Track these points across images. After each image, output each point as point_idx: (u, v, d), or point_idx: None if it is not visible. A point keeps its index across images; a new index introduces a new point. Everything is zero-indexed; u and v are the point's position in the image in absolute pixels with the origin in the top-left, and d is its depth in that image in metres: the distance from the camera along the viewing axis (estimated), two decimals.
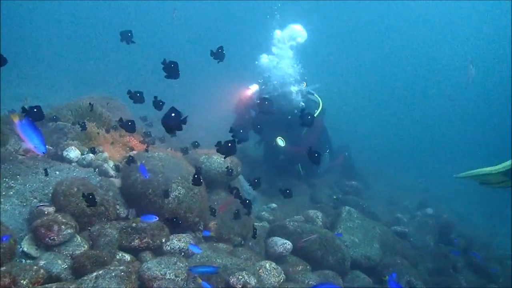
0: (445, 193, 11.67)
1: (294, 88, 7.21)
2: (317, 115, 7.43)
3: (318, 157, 2.96)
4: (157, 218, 3.43)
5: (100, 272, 2.91)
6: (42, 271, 2.71)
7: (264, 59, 7.36)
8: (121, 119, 3.43)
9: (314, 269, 4.36)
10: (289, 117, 7.05)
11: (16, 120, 2.15)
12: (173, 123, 2.38)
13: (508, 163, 5.25)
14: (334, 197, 7.60)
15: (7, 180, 3.73)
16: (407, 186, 12.34)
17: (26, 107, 2.84)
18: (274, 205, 6.40)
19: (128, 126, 3.34)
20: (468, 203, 11.43)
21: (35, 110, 2.78)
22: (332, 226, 5.29)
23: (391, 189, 11.01)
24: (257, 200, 6.30)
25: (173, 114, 2.37)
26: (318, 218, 5.78)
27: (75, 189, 3.53)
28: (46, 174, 3.88)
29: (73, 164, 4.52)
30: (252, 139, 8.06)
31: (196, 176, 3.49)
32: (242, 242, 4.47)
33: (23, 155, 4.28)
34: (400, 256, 4.98)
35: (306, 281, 3.93)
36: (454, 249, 6.21)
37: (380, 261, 4.91)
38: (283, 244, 4.35)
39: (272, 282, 3.68)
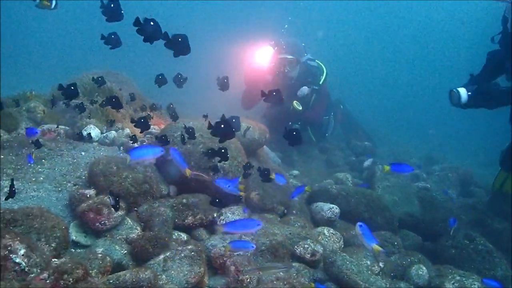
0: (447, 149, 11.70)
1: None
2: (322, 82, 7.35)
3: (298, 136, 2.68)
4: None
5: (168, 254, 2.61)
6: (108, 258, 2.39)
7: None
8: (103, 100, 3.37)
9: None
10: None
11: None
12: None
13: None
14: None
15: (33, 165, 3.35)
16: (407, 145, 12.31)
17: (63, 85, 2.61)
18: (296, 171, 6.17)
19: (114, 103, 3.16)
20: (466, 156, 11.46)
21: (72, 88, 2.66)
22: (368, 187, 5.09)
23: (392, 148, 10.93)
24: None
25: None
26: (348, 180, 5.59)
27: (114, 167, 3.18)
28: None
29: (94, 143, 4.14)
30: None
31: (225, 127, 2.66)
32: (285, 211, 4.22)
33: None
34: (445, 210, 4.83)
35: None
36: (478, 200, 6.11)
37: (422, 218, 4.75)
38: (330, 209, 4.11)
39: (334, 248, 3.47)
